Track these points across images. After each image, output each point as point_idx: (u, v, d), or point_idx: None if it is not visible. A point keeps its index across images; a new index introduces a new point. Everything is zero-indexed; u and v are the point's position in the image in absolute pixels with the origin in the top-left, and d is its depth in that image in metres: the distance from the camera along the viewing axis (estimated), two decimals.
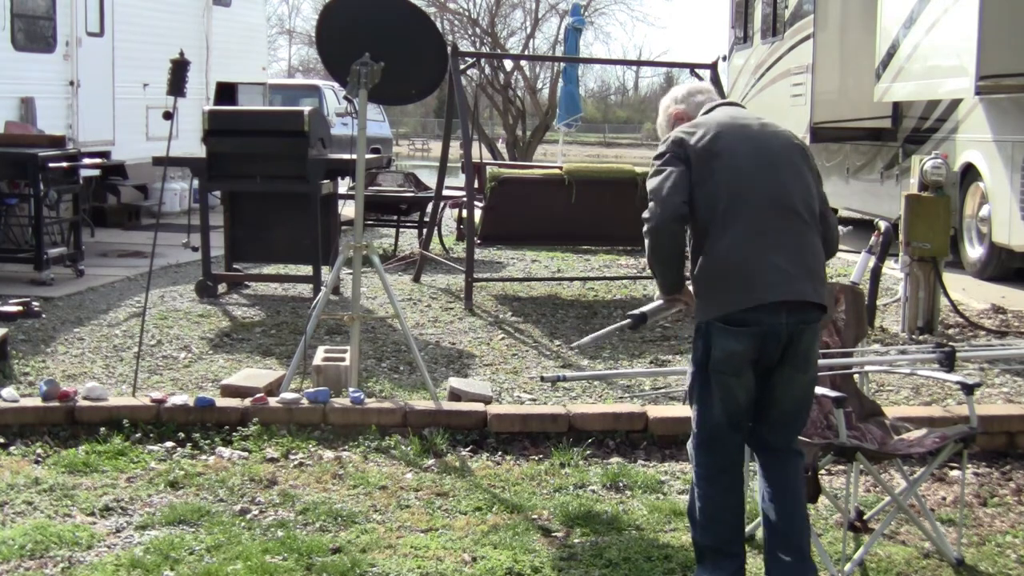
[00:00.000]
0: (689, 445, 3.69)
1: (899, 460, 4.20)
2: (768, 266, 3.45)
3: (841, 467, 4.56)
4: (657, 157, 3.61)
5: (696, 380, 3.59)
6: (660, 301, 3.78)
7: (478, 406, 5.37)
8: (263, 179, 8.15)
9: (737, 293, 3.45)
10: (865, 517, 4.30)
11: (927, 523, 4.11)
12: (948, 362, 5.35)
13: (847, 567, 3.81)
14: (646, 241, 3.58)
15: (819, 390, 3.70)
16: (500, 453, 5.07)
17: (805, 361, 3.55)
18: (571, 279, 9.44)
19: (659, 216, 3.50)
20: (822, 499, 4.27)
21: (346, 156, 7.73)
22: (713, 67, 9.34)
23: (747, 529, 3.86)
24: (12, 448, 4.97)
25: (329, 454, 4.98)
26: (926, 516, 4.17)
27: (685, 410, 5.50)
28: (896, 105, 12.21)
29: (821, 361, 4.12)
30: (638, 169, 8.72)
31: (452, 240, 11.91)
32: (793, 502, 3.56)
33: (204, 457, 4.93)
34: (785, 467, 3.59)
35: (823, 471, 4.26)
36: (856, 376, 4.49)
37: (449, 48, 7.79)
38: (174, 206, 13.34)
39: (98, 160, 11.03)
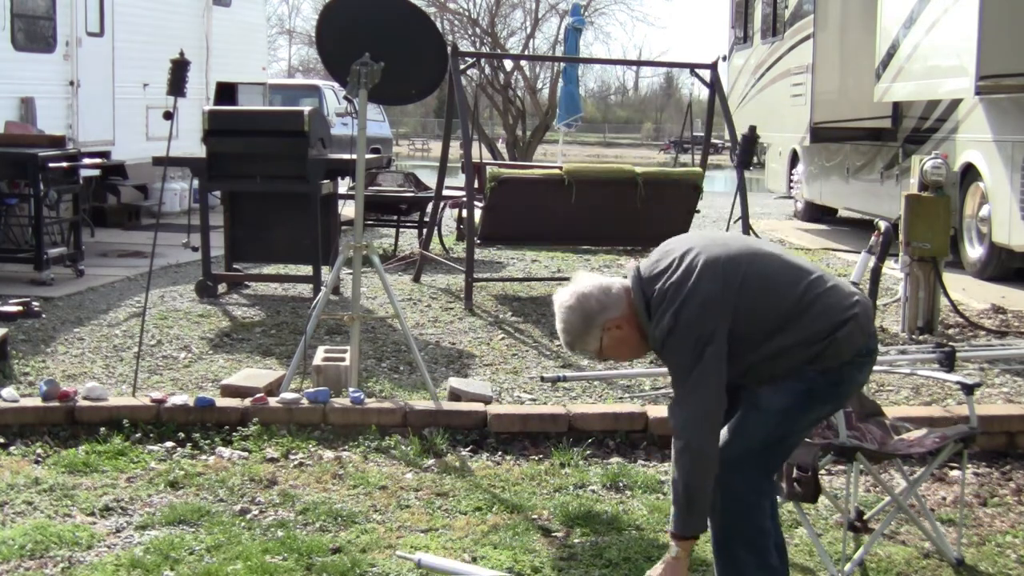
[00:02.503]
0: (747, 496, 3.27)
1: (899, 460, 4.20)
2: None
3: (841, 467, 4.56)
4: (689, 343, 3.10)
5: (802, 421, 3.30)
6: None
7: (478, 406, 5.37)
8: (263, 179, 8.15)
9: (866, 322, 3.29)
10: (865, 517, 4.29)
11: (927, 523, 4.11)
12: (948, 362, 5.36)
13: (847, 567, 3.81)
14: (685, 462, 3.12)
15: None
16: (500, 453, 5.07)
17: None
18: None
19: (707, 433, 3.11)
20: (822, 499, 4.27)
21: (346, 156, 7.73)
22: (713, 67, 9.34)
23: None
24: (12, 448, 4.97)
25: (329, 454, 4.98)
26: (926, 516, 4.17)
27: None
28: (896, 105, 12.21)
29: None
30: (638, 169, 8.71)
31: (452, 240, 11.91)
32: None
33: (204, 457, 4.93)
34: None
35: (823, 471, 4.26)
36: None
37: (449, 48, 7.79)
38: (174, 206, 13.33)
39: (98, 160, 11.03)
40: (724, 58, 16.73)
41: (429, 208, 10.31)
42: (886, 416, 4.27)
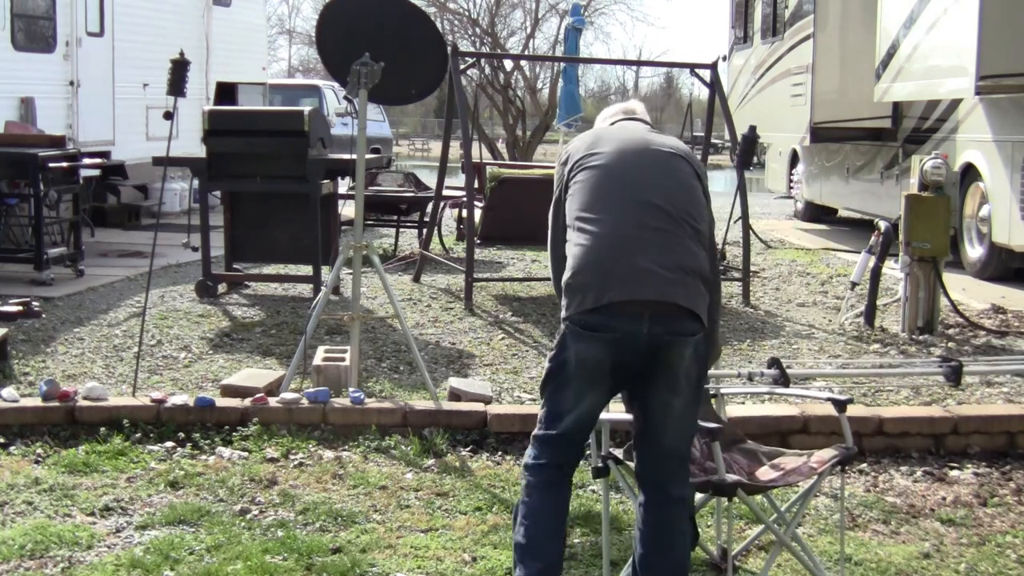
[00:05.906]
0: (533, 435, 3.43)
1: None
2: (631, 266, 3.18)
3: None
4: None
5: (548, 378, 3.33)
6: None
7: (478, 406, 5.37)
8: (263, 179, 8.15)
9: (591, 291, 3.18)
10: (732, 554, 3.91)
11: (805, 555, 3.74)
12: (955, 377, 5.32)
13: None
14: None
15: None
16: (500, 453, 5.08)
17: (677, 381, 3.21)
18: None
19: (551, 256, 3.62)
20: (822, 500, 4.27)
21: (346, 156, 7.73)
22: (713, 67, 9.34)
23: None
24: (12, 448, 4.98)
25: (329, 454, 4.98)
26: (806, 552, 3.81)
27: None
28: (896, 105, 12.21)
29: None
30: None
31: (452, 240, 11.91)
32: (662, 551, 3.28)
33: (204, 457, 4.93)
34: (661, 510, 3.30)
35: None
36: (714, 401, 4.06)
37: (449, 48, 7.79)
38: (174, 206, 13.33)
39: (98, 160, 11.03)
40: (724, 58, 16.72)
41: (429, 208, 10.32)
42: (746, 441, 3.91)
